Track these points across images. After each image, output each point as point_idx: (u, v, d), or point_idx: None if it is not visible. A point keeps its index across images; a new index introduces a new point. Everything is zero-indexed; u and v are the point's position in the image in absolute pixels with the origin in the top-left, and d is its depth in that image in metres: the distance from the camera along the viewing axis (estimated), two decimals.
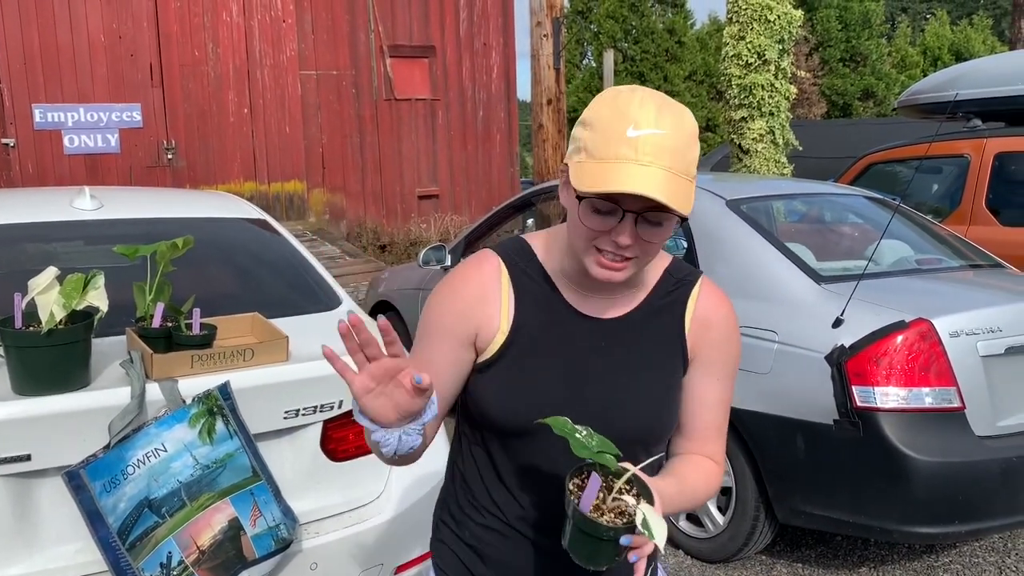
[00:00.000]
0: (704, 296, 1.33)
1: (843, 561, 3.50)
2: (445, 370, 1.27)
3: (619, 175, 1.10)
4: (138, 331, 2.16)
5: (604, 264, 1.18)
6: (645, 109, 1.13)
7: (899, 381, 2.91)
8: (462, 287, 1.29)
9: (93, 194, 2.97)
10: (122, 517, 1.92)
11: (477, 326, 1.26)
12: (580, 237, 1.19)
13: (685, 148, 1.14)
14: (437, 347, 1.28)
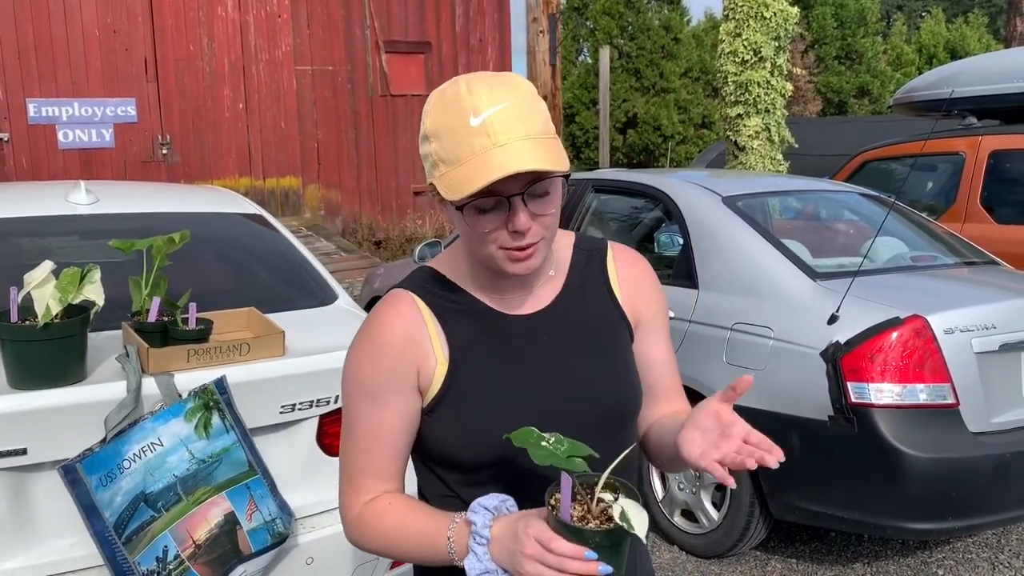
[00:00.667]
0: (619, 259, 1.32)
1: (837, 557, 3.51)
2: (398, 428, 1.20)
3: (485, 167, 1.05)
4: (134, 325, 2.16)
5: (515, 258, 1.13)
6: (475, 93, 1.09)
7: (894, 377, 2.92)
8: (385, 335, 1.19)
9: (88, 188, 2.97)
10: (118, 511, 1.92)
11: (416, 368, 1.18)
12: (480, 243, 1.14)
13: (531, 111, 1.10)
14: (382, 409, 1.18)
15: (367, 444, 1.20)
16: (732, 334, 3.32)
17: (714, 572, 3.39)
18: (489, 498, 1.09)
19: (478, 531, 1.06)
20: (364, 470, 1.20)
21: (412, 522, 1.14)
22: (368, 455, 1.20)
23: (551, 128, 1.12)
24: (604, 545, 0.99)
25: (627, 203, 4.63)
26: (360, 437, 1.20)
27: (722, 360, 3.33)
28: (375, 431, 1.18)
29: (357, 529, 1.20)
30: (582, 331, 1.24)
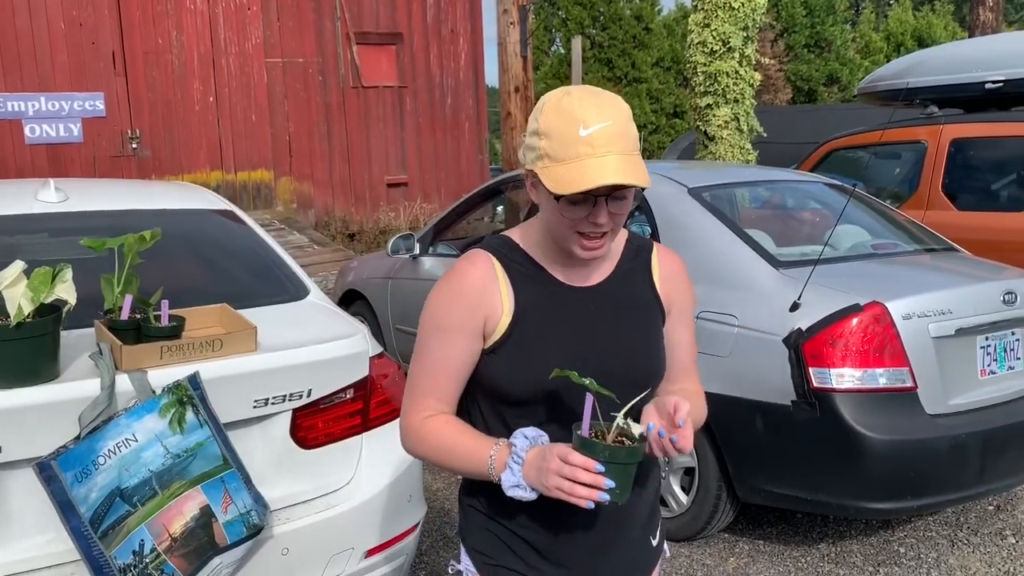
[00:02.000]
0: (662, 257, 1.56)
1: (803, 538, 3.61)
2: (459, 364, 1.43)
3: (586, 172, 1.28)
4: (107, 323, 2.19)
5: (587, 245, 1.37)
6: (586, 108, 1.31)
7: (854, 362, 3.01)
8: (463, 284, 1.43)
9: (58, 186, 2.97)
10: (94, 507, 1.95)
11: (485, 315, 1.41)
12: (562, 227, 1.37)
13: (627, 129, 1.33)
14: (450, 344, 1.42)
15: (433, 370, 1.44)
16: (698, 322, 3.39)
17: (683, 555, 3.47)
18: (529, 429, 1.31)
19: (517, 452, 1.29)
20: (427, 392, 1.44)
21: (462, 440, 1.38)
22: (433, 379, 1.44)
23: (638, 146, 1.36)
24: (612, 461, 1.20)
25: None
26: (428, 363, 1.45)
27: None
28: (442, 361, 1.43)
29: (415, 439, 1.43)
30: (625, 308, 1.48)
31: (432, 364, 1.44)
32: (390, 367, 2.63)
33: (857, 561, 3.39)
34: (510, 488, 1.27)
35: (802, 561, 3.40)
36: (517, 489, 1.28)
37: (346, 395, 2.44)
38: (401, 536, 2.56)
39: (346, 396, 2.44)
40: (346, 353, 2.43)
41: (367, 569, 2.47)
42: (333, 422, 2.43)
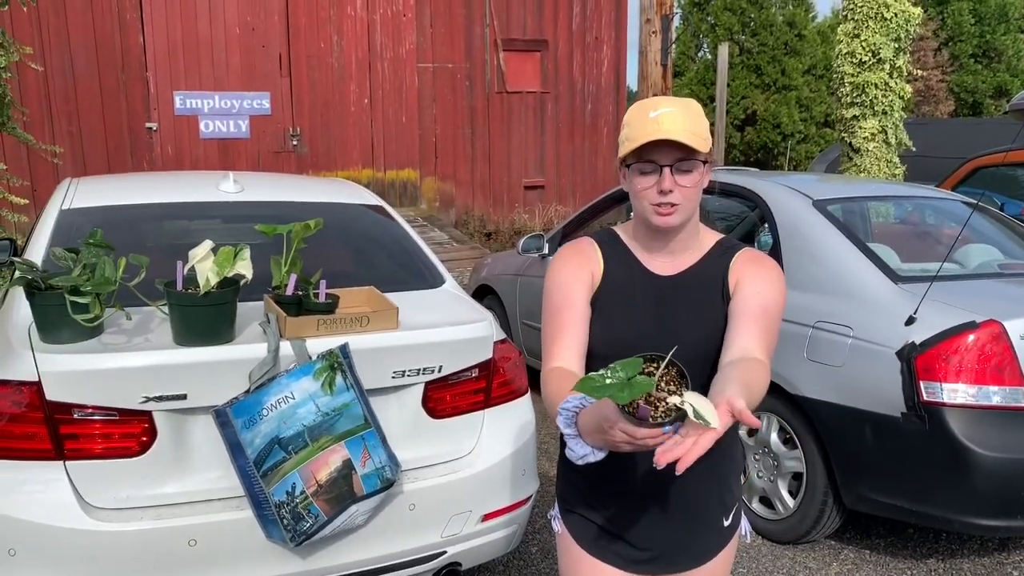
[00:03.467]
0: (744, 256, 1.68)
1: (912, 552, 3.63)
2: (578, 309, 1.63)
3: (648, 136, 1.53)
4: (274, 297, 2.55)
5: (660, 211, 1.58)
6: (658, 100, 1.58)
7: (968, 379, 3.04)
8: (574, 248, 1.71)
9: (236, 179, 3.41)
10: (257, 450, 2.31)
11: (591, 270, 1.66)
12: (638, 199, 1.60)
13: (694, 118, 1.55)
14: (568, 290, 1.64)
15: (559, 315, 1.63)
16: (814, 331, 3.49)
17: (787, 556, 3.57)
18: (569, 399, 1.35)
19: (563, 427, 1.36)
20: (554, 339, 1.62)
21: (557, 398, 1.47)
22: (558, 327, 1.62)
23: (706, 134, 1.57)
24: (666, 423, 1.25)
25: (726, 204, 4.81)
26: (553, 311, 1.64)
27: (803, 356, 3.51)
28: (564, 308, 1.62)
29: (542, 386, 1.58)
30: (696, 298, 1.65)
31: (556, 310, 1.64)
32: (512, 352, 2.90)
33: None
34: (577, 460, 1.33)
35: (908, 574, 3.44)
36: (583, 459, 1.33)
37: (472, 373, 2.72)
38: (515, 506, 2.82)
39: (472, 374, 2.73)
40: (474, 336, 2.71)
41: (482, 532, 2.75)
42: (459, 396, 2.72)
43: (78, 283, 2.32)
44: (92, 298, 2.32)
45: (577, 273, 1.65)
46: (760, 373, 1.47)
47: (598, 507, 1.66)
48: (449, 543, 2.68)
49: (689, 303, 1.65)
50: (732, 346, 1.54)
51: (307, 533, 2.34)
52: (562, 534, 1.73)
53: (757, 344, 1.54)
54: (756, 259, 1.67)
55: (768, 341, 1.57)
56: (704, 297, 1.65)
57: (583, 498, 1.69)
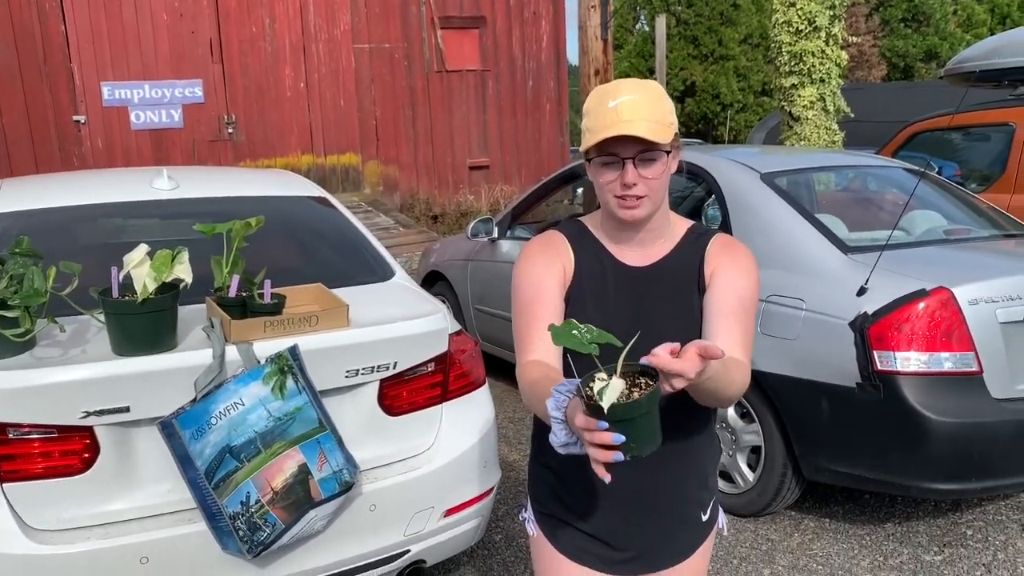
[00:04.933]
0: (721, 240, 1.64)
1: (869, 517, 3.68)
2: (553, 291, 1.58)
3: (607, 130, 1.47)
4: (217, 300, 2.45)
5: (624, 205, 1.52)
6: (618, 87, 1.50)
7: (919, 346, 3.07)
8: (542, 247, 1.64)
9: (170, 175, 3.27)
10: (208, 461, 2.21)
11: (563, 264, 1.61)
12: (603, 192, 1.55)
13: (654, 103, 1.49)
14: (541, 278, 1.58)
15: (531, 308, 1.57)
16: (767, 305, 3.50)
17: (749, 530, 3.60)
18: (563, 383, 1.30)
19: (552, 411, 1.28)
20: (527, 331, 1.55)
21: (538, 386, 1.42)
22: (531, 317, 1.56)
23: (667, 120, 1.51)
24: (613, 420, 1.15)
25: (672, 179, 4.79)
26: (525, 305, 1.58)
27: (757, 330, 3.51)
28: (538, 293, 1.57)
29: (518, 380, 1.52)
30: (670, 289, 1.60)
31: (528, 304, 1.57)
32: (468, 343, 2.84)
33: (923, 541, 3.46)
34: (558, 448, 1.27)
35: (867, 539, 3.49)
36: (564, 448, 1.27)
37: (428, 368, 2.66)
38: (478, 498, 2.77)
39: (428, 369, 2.66)
40: (428, 330, 2.64)
41: (445, 527, 2.70)
42: (416, 392, 2.65)
43: (5, 296, 2.19)
44: (21, 311, 2.19)
45: (548, 267, 1.59)
46: (741, 371, 1.45)
47: (574, 508, 1.61)
48: (412, 541, 2.62)
49: (664, 295, 1.60)
50: None
51: (264, 543, 2.26)
52: (537, 538, 1.68)
53: (737, 343, 1.51)
54: (730, 247, 1.63)
55: (747, 338, 1.54)
56: (680, 288, 1.61)
57: (558, 499, 1.64)
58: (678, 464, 1.58)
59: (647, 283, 1.60)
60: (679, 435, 1.55)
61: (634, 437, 1.17)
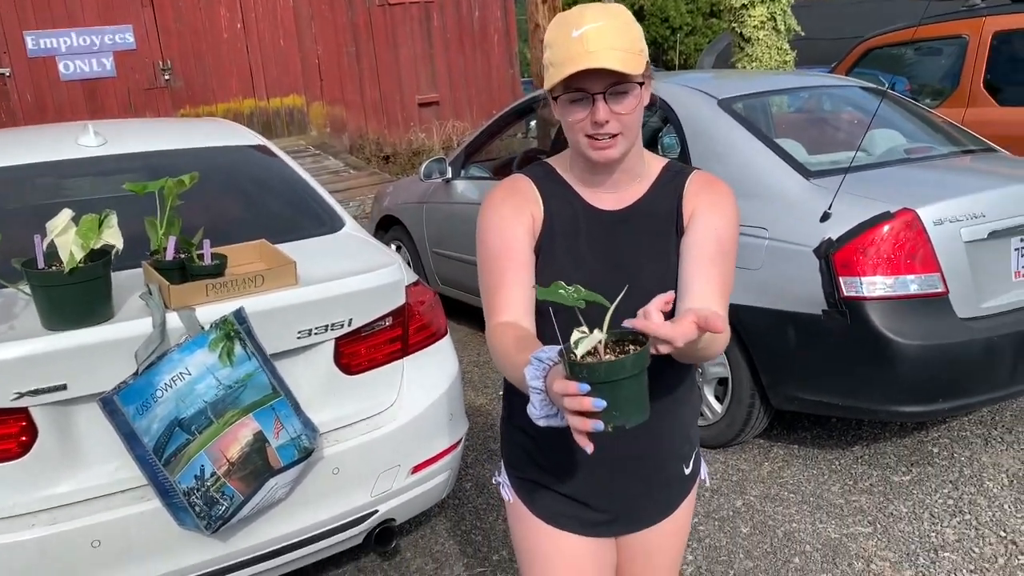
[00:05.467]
0: (699, 178, 1.51)
1: (837, 441, 3.69)
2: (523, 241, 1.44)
3: (573, 64, 1.32)
4: (154, 264, 2.29)
5: (596, 145, 1.38)
6: (581, 13, 1.35)
7: (884, 270, 3.02)
8: (507, 194, 1.49)
9: (97, 130, 3.06)
10: (156, 436, 2.09)
11: (532, 212, 1.47)
12: (572, 132, 1.40)
13: (622, 30, 1.35)
14: (511, 228, 1.44)
15: (499, 263, 1.43)
16: None
17: (719, 461, 3.58)
18: (544, 349, 1.18)
19: (530, 380, 1.16)
20: (496, 288, 1.42)
21: (512, 352, 1.30)
22: (500, 272, 1.42)
23: (637, 47, 1.37)
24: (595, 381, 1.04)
25: None
26: (493, 259, 1.44)
27: None
28: (506, 244, 1.43)
29: (488, 344, 1.40)
30: (648, 233, 1.47)
31: (496, 259, 1.43)
32: (426, 294, 2.72)
33: (890, 462, 3.47)
34: (537, 421, 1.16)
35: (836, 464, 3.49)
36: (544, 421, 1.16)
37: (385, 323, 2.54)
38: (444, 452, 2.69)
39: (385, 324, 2.54)
40: (383, 283, 2.52)
41: (414, 484, 2.62)
42: (374, 349, 2.54)
43: None
44: None
45: (516, 215, 1.45)
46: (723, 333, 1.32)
47: (551, 471, 1.52)
48: (380, 501, 2.54)
49: (641, 240, 1.47)
50: (689, 294, 1.39)
51: (223, 517, 2.16)
52: (513, 503, 1.58)
53: (715, 293, 1.38)
54: (710, 186, 1.49)
55: (726, 286, 1.43)
56: (657, 232, 1.48)
57: (533, 462, 1.54)
58: (659, 419, 1.48)
59: (622, 227, 1.47)
60: (660, 389, 1.46)
61: (617, 404, 1.05)
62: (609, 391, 1.04)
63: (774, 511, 3.17)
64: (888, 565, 2.79)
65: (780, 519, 3.12)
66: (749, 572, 2.81)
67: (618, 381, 1.05)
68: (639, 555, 1.59)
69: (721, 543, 2.99)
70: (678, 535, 1.61)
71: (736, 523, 3.11)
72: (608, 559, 1.55)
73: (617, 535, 1.56)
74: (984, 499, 3.15)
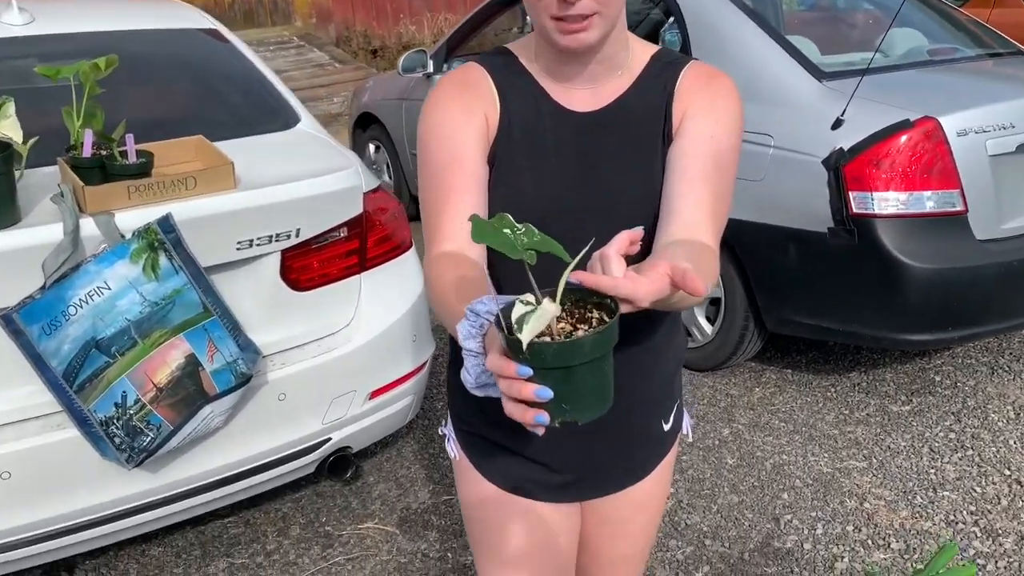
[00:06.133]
0: (695, 70, 1.19)
1: (834, 367, 3.47)
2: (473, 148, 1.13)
3: None
4: (69, 161, 2.00)
5: (566, 29, 1.06)
6: None
7: (899, 185, 2.74)
8: (457, 89, 1.17)
9: (22, 6, 2.70)
10: (67, 360, 1.84)
11: (484, 111, 1.16)
12: (538, 15, 1.09)
13: None
14: (460, 131, 1.13)
15: (442, 176, 1.13)
16: None
17: (707, 384, 3.37)
18: (481, 301, 0.89)
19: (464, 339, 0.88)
20: (439, 210, 1.11)
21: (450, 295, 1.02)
22: (444, 190, 1.12)
23: None
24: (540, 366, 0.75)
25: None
26: (437, 171, 1.13)
27: None
28: (452, 154, 1.12)
29: (426, 279, 1.11)
30: (627, 140, 1.17)
31: (439, 174, 1.13)
32: (389, 202, 2.43)
33: (890, 391, 3.26)
34: (472, 389, 0.90)
35: (831, 391, 3.28)
36: (481, 390, 0.89)
37: (340, 234, 2.27)
38: (406, 377, 2.46)
39: (340, 235, 2.27)
40: (336, 188, 2.23)
41: (372, 410, 2.40)
42: (327, 263, 2.27)
43: None
44: None
45: (465, 116, 1.14)
46: (709, 264, 1.03)
47: (502, 425, 1.22)
48: (333, 429, 2.32)
49: (621, 148, 1.16)
50: (674, 218, 1.08)
51: (147, 449, 1.93)
52: (460, 461, 1.31)
53: (706, 218, 1.08)
54: (709, 81, 1.16)
55: (720, 210, 1.12)
56: (641, 138, 1.16)
57: (482, 414, 1.26)
58: (636, 368, 1.21)
59: (599, 132, 1.16)
60: (636, 332, 1.19)
61: (568, 395, 0.77)
62: (559, 379, 0.76)
63: (763, 441, 2.97)
64: (883, 504, 2.61)
65: (769, 450, 2.92)
66: (734, 508, 2.63)
67: (571, 368, 0.76)
68: (608, 521, 1.35)
69: (705, 475, 2.80)
70: (654, 500, 1.36)
71: (722, 453, 2.92)
72: (569, 525, 1.31)
73: (581, 500, 1.32)
74: (988, 434, 2.95)
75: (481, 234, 0.81)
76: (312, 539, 2.56)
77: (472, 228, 0.82)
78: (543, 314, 0.75)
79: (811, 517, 2.56)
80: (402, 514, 2.67)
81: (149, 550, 2.52)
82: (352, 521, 2.64)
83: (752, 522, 2.56)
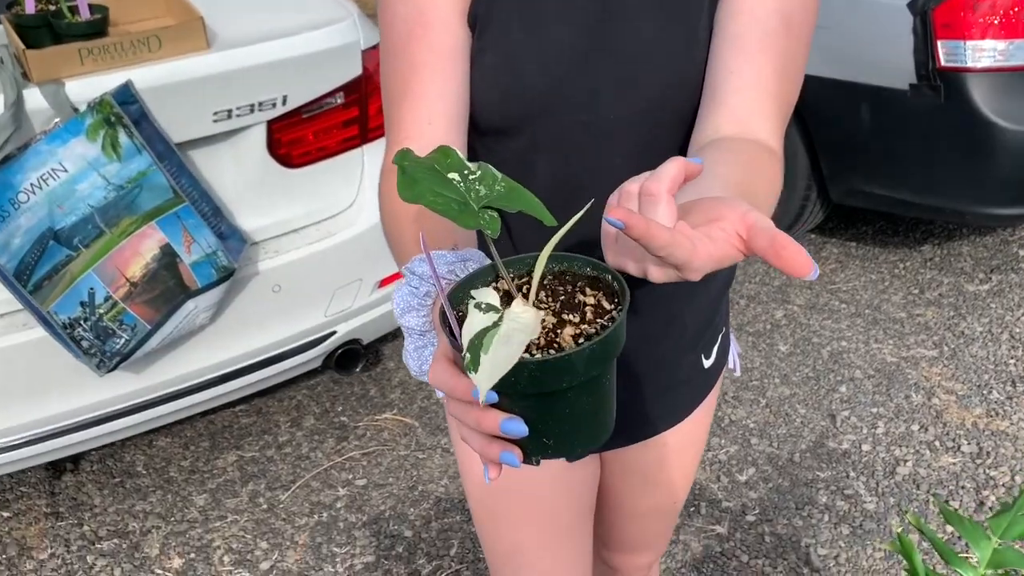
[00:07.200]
0: None
1: (903, 239, 3.13)
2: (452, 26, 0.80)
3: None
4: (12, 20, 1.71)
5: None
6: None
7: (998, 32, 2.31)
8: None
9: None
10: (19, 255, 1.62)
11: None
12: None
13: None
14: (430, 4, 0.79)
15: (408, 47, 0.80)
16: None
17: (759, 261, 3.06)
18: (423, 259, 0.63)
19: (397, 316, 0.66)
20: (402, 92, 0.81)
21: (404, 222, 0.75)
22: (409, 67, 0.80)
23: None
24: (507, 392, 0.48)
25: None
26: (401, 42, 0.81)
27: None
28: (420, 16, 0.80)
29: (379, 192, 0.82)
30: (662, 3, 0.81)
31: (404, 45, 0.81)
32: None
33: (966, 267, 2.92)
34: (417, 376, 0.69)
35: (899, 268, 2.96)
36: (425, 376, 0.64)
37: (335, 100, 1.97)
38: None
39: (336, 102, 1.97)
40: (329, 46, 1.91)
41: (382, 300, 2.17)
42: (322, 134, 1.98)
43: None
44: None
45: None
46: (769, 175, 0.70)
47: None
48: (338, 321, 2.10)
49: (650, 12, 0.80)
50: (722, 106, 0.75)
51: (122, 353, 1.73)
52: None
53: (767, 104, 0.74)
54: None
55: (786, 90, 0.77)
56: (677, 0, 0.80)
57: None
58: (669, 292, 0.91)
59: None
60: None
61: (551, 427, 0.50)
62: (536, 407, 0.49)
63: (820, 325, 2.69)
64: (953, 400, 2.34)
65: (827, 336, 2.64)
66: (784, 402, 2.39)
67: (554, 393, 0.48)
68: (631, 471, 1.10)
69: (754, 363, 2.55)
70: (690, 449, 1.10)
71: (774, 339, 2.65)
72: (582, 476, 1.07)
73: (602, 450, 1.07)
74: None
75: (411, 186, 0.51)
76: (326, 430, 2.41)
77: (398, 179, 0.52)
78: (514, 333, 0.45)
79: (871, 414, 2.31)
80: (422, 404, 2.49)
81: (156, 440, 2.39)
82: (369, 411, 2.47)
83: (805, 419, 2.32)
